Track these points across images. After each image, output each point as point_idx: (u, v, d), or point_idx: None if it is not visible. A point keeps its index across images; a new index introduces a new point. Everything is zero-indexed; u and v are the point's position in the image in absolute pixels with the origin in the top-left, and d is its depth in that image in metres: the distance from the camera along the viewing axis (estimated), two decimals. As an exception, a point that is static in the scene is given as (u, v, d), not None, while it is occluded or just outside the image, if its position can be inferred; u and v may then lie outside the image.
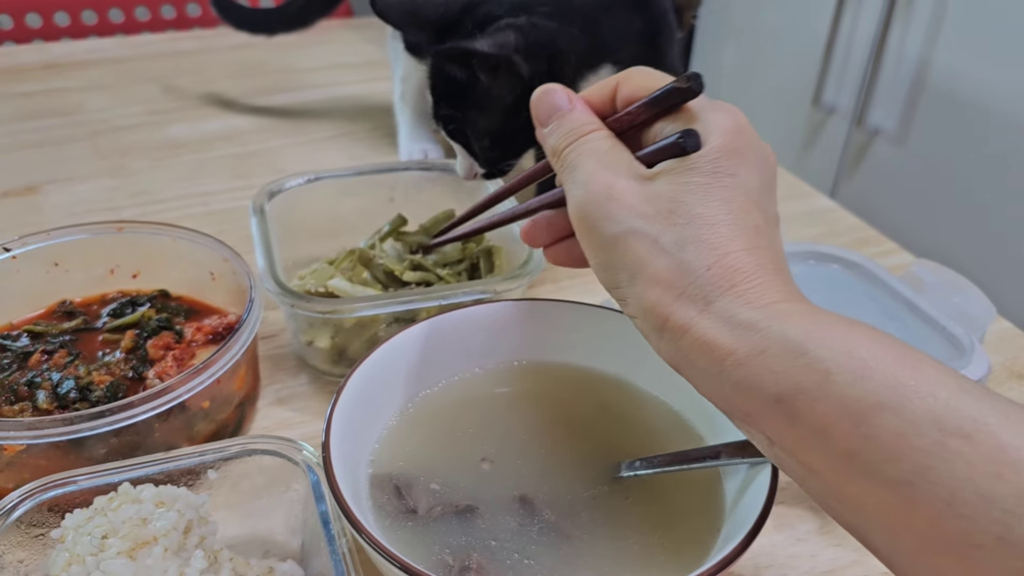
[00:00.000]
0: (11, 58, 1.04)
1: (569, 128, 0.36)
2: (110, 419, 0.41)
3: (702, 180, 0.32)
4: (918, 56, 1.28)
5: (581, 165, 0.34)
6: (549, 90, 0.37)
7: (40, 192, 0.76)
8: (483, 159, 0.60)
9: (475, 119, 0.57)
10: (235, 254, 0.53)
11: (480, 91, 0.56)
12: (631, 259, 0.32)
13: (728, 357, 0.29)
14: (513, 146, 0.59)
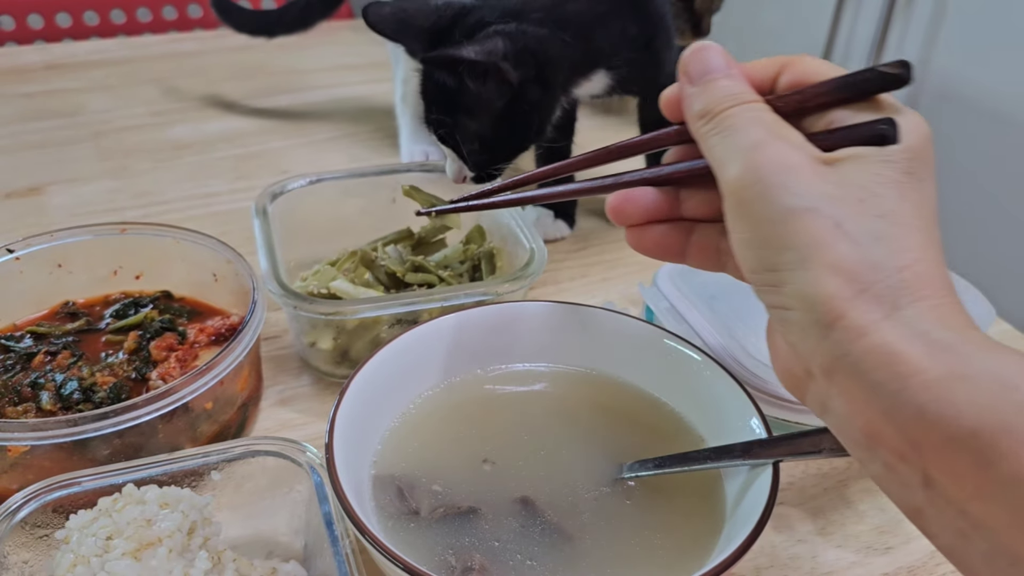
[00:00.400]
0: (13, 59, 1.05)
1: (728, 92, 0.32)
2: (114, 420, 0.42)
3: (896, 176, 0.29)
4: (917, 57, 1.29)
5: (747, 130, 0.31)
6: (706, 47, 0.34)
7: (43, 193, 0.76)
8: (472, 163, 0.60)
9: (464, 124, 0.57)
10: (238, 255, 0.54)
11: (469, 97, 0.56)
12: (806, 239, 0.28)
13: (916, 375, 0.25)
14: (503, 151, 0.59)
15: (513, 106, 0.57)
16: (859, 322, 0.27)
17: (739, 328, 0.51)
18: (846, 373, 0.27)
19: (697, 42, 0.34)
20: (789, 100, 0.33)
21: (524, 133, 0.59)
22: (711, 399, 0.43)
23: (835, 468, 0.49)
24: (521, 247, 0.56)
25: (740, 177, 0.30)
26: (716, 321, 0.50)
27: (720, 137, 0.32)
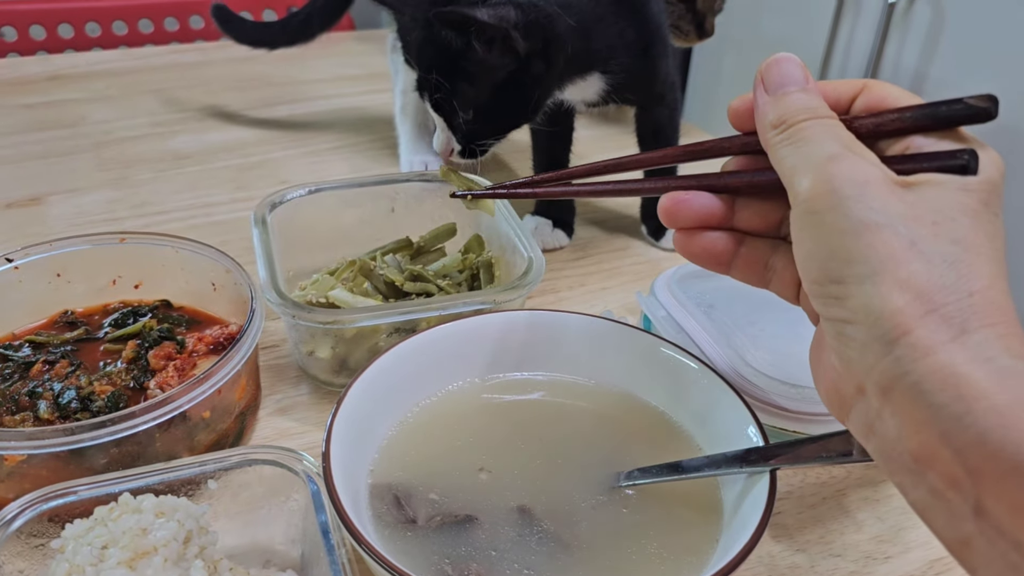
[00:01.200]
0: (15, 70, 1.05)
1: (804, 105, 0.33)
2: (111, 429, 0.42)
3: (974, 206, 0.29)
4: (915, 69, 1.29)
5: (822, 142, 0.31)
6: (786, 59, 0.34)
7: (44, 203, 0.76)
8: (464, 133, 0.59)
9: (463, 90, 0.57)
10: (237, 265, 0.54)
11: (473, 61, 0.56)
12: (879, 253, 0.28)
13: (982, 400, 0.25)
14: (495, 124, 0.59)
15: (514, 77, 0.57)
16: (926, 341, 0.27)
17: (737, 337, 0.51)
18: (905, 392, 0.27)
19: (778, 53, 0.35)
20: (864, 122, 0.33)
21: (520, 108, 0.59)
22: (708, 407, 0.43)
23: (834, 477, 0.49)
24: (519, 256, 0.56)
25: (813, 187, 0.30)
26: (713, 330, 0.50)
27: (793, 148, 0.32)
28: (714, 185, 0.37)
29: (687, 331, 0.51)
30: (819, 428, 0.46)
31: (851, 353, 0.29)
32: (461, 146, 0.60)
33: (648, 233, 0.73)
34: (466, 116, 0.58)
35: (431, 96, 0.59)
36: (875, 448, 0.29)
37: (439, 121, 0.60)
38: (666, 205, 0.37)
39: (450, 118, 0.59)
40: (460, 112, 0.58)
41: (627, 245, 0.73)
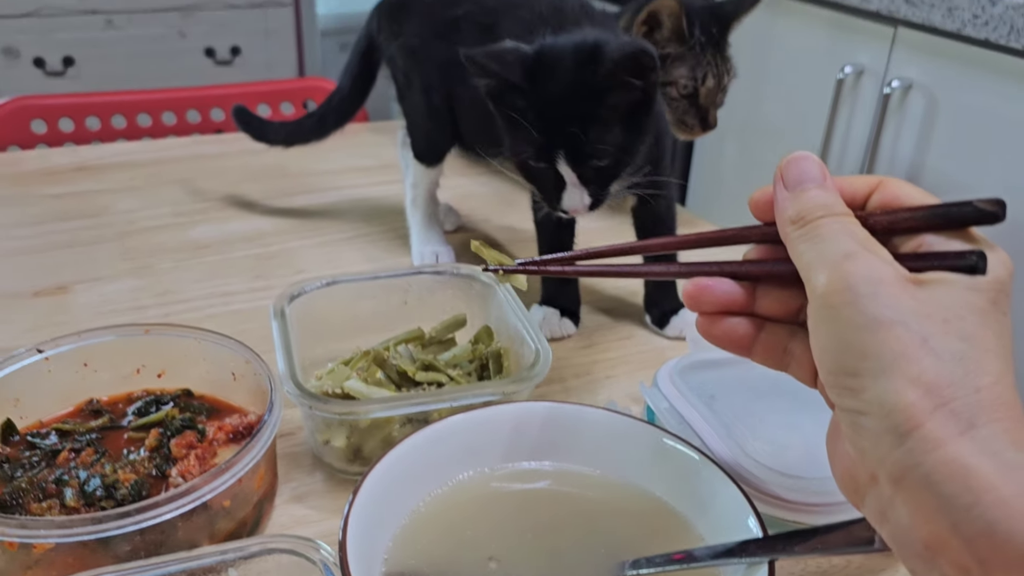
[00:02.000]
0: (44, 161, 1.10)
1: (821, 203, 0.34)
2: (136, 518, 0.43)
3: (983, 305, 0.31)
4: (911, 158, 1.34)
5: (838, 240, 0.33)
6: (805, 157, 0.36)
7: (70, 291, 0.79)
8: (595, 183, 0.61)
9: (599, 135, 0.59)
10: (256, 356, 0.56)
11: (609, 104, 0.58)
12: (892, 349, 0.30)
13: (989, 492, 0.27)
14: (626, 162, 0.62)
15: (638, 112, 0.60)
16: (936, 434, 0.28)
17: (737, 428, 0.53)
18: (916, 482, 0.28)
19: (797, 152, 0.37)
20: (879, 219, 0.35)
21: (641, 144, 0.62)
22: (709, 498, 0.45)
23: (834, 565, 0.50)
24: (527, 347, 0.58)
25: (829, 283, 0.32)
26: (714, 421, 0.52)
27: (810, 244, 0.34)
28: (736, 272, 0.39)
29: (689, 422, 0.53)
30: (817, 518, 0.47)
31: (865, 443, 0.31)
32: (592, 198, 0.62)
33: (652, 322, 0.76)
34: (600, 163, 0.60)
35: (567, 153, 0.60)
36: (889, 534, 0.31)
37: (571, 177, 0.61)
38: (690, 291, 0.39)
39: (583, 172, 0.61)
40: (595, 160, 0.60)
41: (632, 333, 0.75)
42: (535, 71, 0.60)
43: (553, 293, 0.75)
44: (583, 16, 0.70)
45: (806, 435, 0.53)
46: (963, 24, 1.20)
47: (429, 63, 0.77)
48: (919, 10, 1.26)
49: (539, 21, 0.69)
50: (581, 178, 0.61)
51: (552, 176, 0.62)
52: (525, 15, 0.71)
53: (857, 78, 1.41)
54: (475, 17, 0.73)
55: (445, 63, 0.75)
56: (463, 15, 0.74)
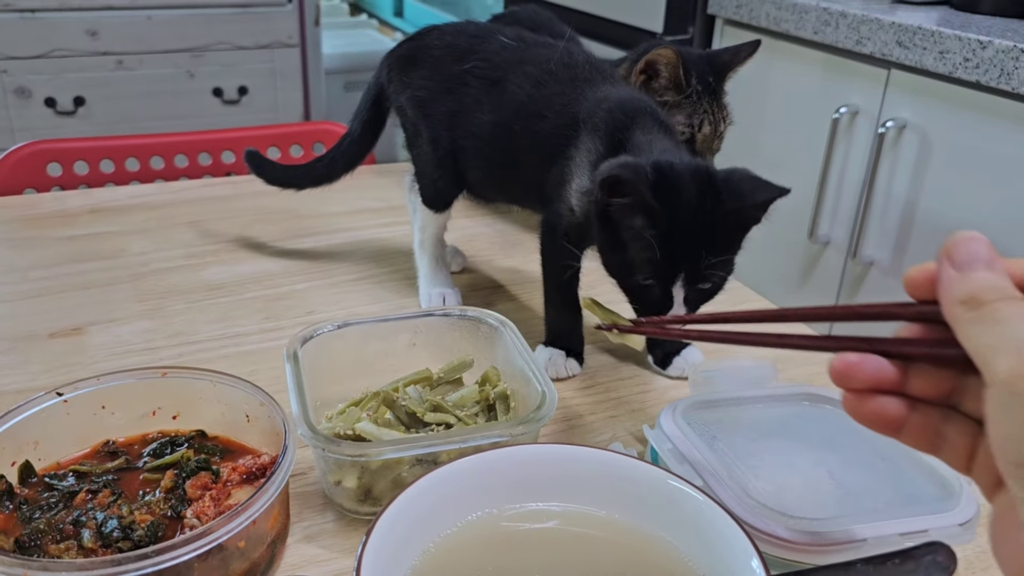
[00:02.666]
0: (59, 203, 1.12)
1: (994, 285, 0.34)
2: (155, 560, 0.45)
3: None
4: (906, 196, 1.36)
5: (1018, 323, 0.32)
6: (974, 238, 0.35)
7: (84, 332, 0.81)
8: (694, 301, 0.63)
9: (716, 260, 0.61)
10: (270, 398, 0.58)
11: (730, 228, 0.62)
12: None
13: None
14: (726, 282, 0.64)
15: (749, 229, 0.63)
16: None
17: (738, 468, 0.54)
18: None
19: (963, 231, 0.36)
20: None
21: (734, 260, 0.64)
22: (713, 539, 0.46)
23: (836, 605, 0.51)
24: (533, 389, 0.60)
25: (1014, 368, 0.31)
26: (716, 462, 0.54)
27: (986, 327, 0.32)
28: (889, 350, 0.37)
29: (691, 463, 0.54)
30: (817, 559, 0.48)
31: None
32: (690, 311, 0.63)
33: (655, 362, 0.77)
34: (705, 286, 0.62)
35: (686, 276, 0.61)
36: None
37: (680, 296, 0.62)
38: (838, 367, 0.37)
39: (692, 291, 0.62)
40: (705, 283, 0.62)
41: (635, 373, 0.77)
42: (657, 190, 0.60)
43: (558, 334, 0.76)
44: (593, 72, 0.73)
45: (805, 475, 0.54)
46: (954, 67, 1.23)
47: (436, 115, 0.79)
48: (912, 53, 1.29)
49: (549, 77, 0.72)
50: (686, 299, 0.62)
51: (659, 295, 0.62)
52: (533, 71, 0.73)
53: (852, 118, 1.44)
54: (482, 71, 0.76)
55: (452, 115, 0.78)
56: (470, 68, 0.76)
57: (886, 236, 1.40)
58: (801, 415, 0.61)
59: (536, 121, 0.72)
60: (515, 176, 0.77)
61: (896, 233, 1.38)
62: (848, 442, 0.58)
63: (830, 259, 1.52)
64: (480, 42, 0.78)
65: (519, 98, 0.74)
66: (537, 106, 0.72)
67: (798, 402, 0.62)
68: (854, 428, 0.60)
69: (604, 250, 0.65)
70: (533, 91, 0.73)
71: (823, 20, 1.44)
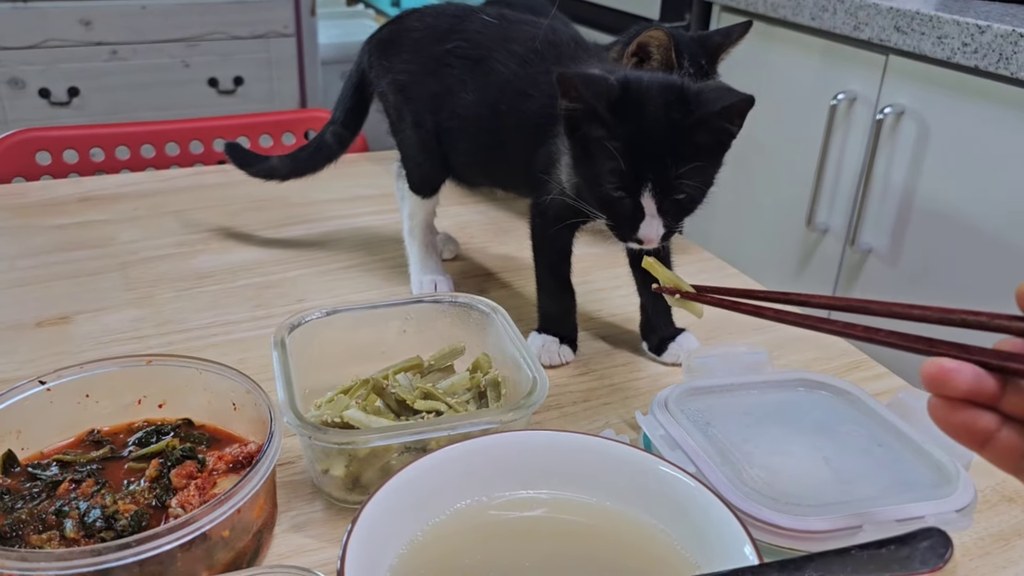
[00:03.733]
0: (48, 192, 1.11)
1: None
2: (136, 550, 0.44)
3: None
4: (903, 183, 1.35)
5: None
6: None
7: (72, 321, 0.80)
8: (672, 215, 0.62)
9: (686, 171, 0.60)
10: (256, 386, 0.57)
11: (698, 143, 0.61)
12: None
13: None
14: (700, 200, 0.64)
15: (717, 155, 0.63)
16: None
17: (732, 454, 0.53)
18: None
19: None
20: None
21: (713, 177, 0.64)
22: (705, 525, 0.45)
23: (831, 593, 0.50)
24: (524, 375, 0.59)
25: None
26: (710, 448, 0.53)
27: None
28: (988, 362, 0.36)
29: (684, 449, 0.53)
30: (811, 546, 0.47)
31: None
32: (667, 229, 0.63)
33: (649, 348, 0.76)
34: (680, 196, 0.62)
35: (655, 186, 0.61)
36: None
37: (652, 208, 0.62)
38: (930, 373, 0.36)
39: (663, 204, 0.62)
40: (677, 193, 0.61)
41: (629, 360, 0.76)
42: (620, 103, 0.61)
43: (551, 320, 0.75)
44: (578, 50, 0.72)
45: (800, 462, 0.54)
46: (953, 52, 1.22)
47: (419, 98, 0.78)
48: (910, 38, 1.28)
49: (534, 55, 0.71)
50: (660, 210, 0.62)
51: (631, 207, 0.63)
52: (518, 49, 0.72)
53: (850, 105, 1.43)
54: (464, 51, 0.75)
55: (435, 97, 0.77)
56: (452, 49, 0.75)
57: (884, 223, 1.39)
58: (796, 401, 0.60)
59: (522, 100, 0.71)
60: (502, 158, 0.76)
61: (894, 220, 1.37)
62: (844, 428, 0.57)
63: (828, 247, 1.51)
64: (461, 22, 0.77)
65: (504, 77, 0.73)
66: (523, 84, 0.71)
67: (793, 388, 0.61)
68: (850, 414, 0.59)
69: (576, 164, 0.66)
70: (518, 69, 0.72)
71: (820, 5, 1.43)
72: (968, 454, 0.55)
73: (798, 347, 0.78)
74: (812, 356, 0.77)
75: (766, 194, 1.63)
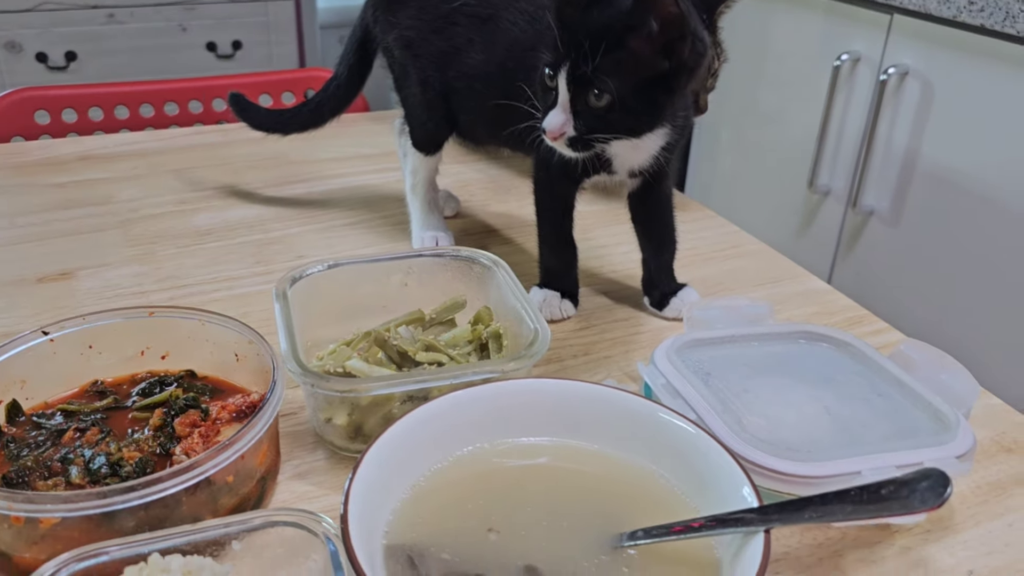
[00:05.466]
0: (48, 151, 1.11)
1: None
2: (141, 492, 0.44)
3: None
4: (906, 145, 1.34)
5: None
6: None
7: (73, 277, 0.80)
8: (585, 121, 0.61)
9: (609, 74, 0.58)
10: (259, 337, 0.57)
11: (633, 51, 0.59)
12: None
13: None
14: (621, 122, 0.61)
15: (657, 81, 0.60)
16: None
17: (732, 403, 0.53)
18: None
19: None
20: None
21: (645, 116, 0.62)
22: (705, 470, 0.46)
23: (829, 538, 0.51)
24: (526, 327, 0.59)
25: None
26: (711, 396, 0.53)
27: None
28: None
29: (685, 398, 0.53)
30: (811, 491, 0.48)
31: None
32: (576, 133, 0.61)
33: (651, 303, 0.76)
34: (597, 102, 0.60)
35: (571, 67, 0.59)
36: None
37: (564, 97, 0.61)
38: None
39: (577, 99, 0.60)
40: (593, 97, 0.60)
41: (630, 315, 0.76)
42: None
43: (553, 275, 0.75)
44: None
45: (801, 410, 0.54)
46: (958, 11, 1.20)
47: (426, 55, 0.77)
48: (917, -4, 1.26)
49: (544, 12, 0.70)
50: (574, 105, 0.60)
51: (552, 93, 0.61)
52: (527, 7, 0.71)
53: (853, 66, 1.41)
54: (472, 9, 0.74)
55: (442, 55, 0.76)
56: (460, 7, 0.74)
57: (886, 185, 1.38)
58: (798, 353, 0.60)
59: (531, 58, 0.70)
60: (509, 116, 0.75)
61: (896, 182, 1.37)
62: (844, 379, 0.57)
63: (829, 209, 1.51)
64: None
65: (513, 35, 0.72)
66: (533, 42, 0.70)
67: (795, 340, 0.61)
68: (851, 365, 0.59)
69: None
70: (528, 27, 0.71)
71: (826, -37, 1.41)
72: (967, 404, 0.55)
73: (798, 302, 0.78)
74: (812, 311, 0.77)
75: (767, 156, 1.62)
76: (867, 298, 0.79)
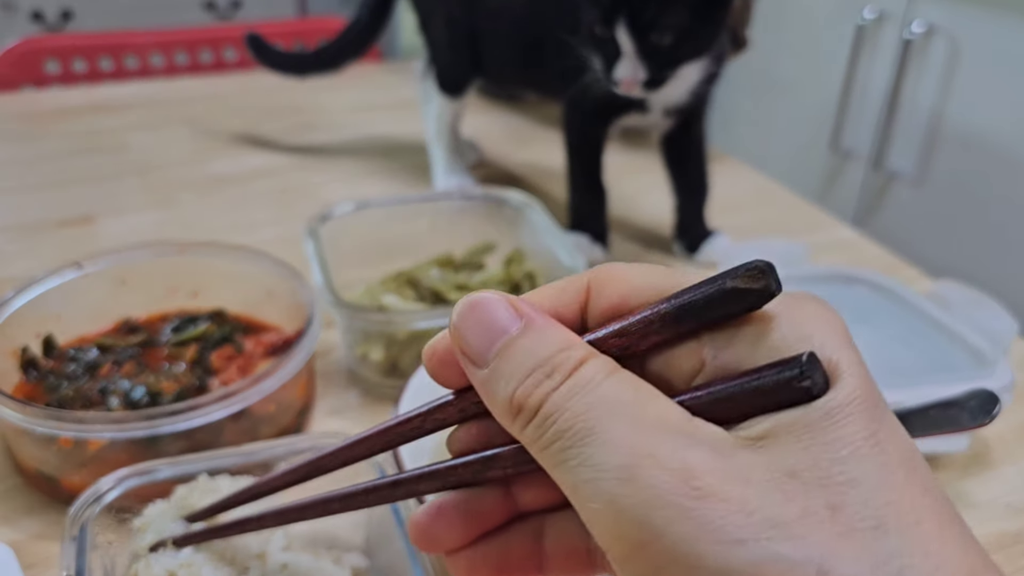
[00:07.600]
0: (60, 100, 1.09)
1: (541, 360, 0.21)
2: (187, 415, 0.44)
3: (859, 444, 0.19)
4: (932, 105, 1.33)
5: (602, 434, 0.19)
6: (479, 301, 0.22)
7: (95, 222, 0.79)
8: (656, 61, 0.60)
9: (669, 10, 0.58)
10: (294, 272, 0.56)
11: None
12: None
13: None
14: (687, 50, 0.61)
15: (722, 4, 0.60)
16: None
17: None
18: None
19: (465, 298, 0.23)
20: (608, 343, 0.22)
21: (706, 38, 0.62)
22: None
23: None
24: (560, 268, 0.59)
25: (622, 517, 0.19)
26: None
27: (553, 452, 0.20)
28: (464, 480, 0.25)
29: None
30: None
31: None
32: (650, 75, 0.60)
33: (684, 248, 0.76)
34: (662, 41, 0.59)
35: (631, 18, 0.58)
36: None
37: (629, 46, 0.60)
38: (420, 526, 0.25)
39: (643, 45, 0.59)
40: (658, 37, 0.59)
41: (661, 260, 0.76)
42: None
43: (583, 217, 0.74)
44: None
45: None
46: (986, -37, 1.18)
47: None
48: (941, -50, 1.24)
49: None
50: (640, 51, 0.60)
51: (612, 46, 0.61)
52: None
53: (878, 23, 1.39)
54: None
55: None
56: None
57: (910, 146, 1.37)
58: (834, 295, 0.60)
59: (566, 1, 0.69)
60: (539, 58, 0.74)
61: (921, 143, 1.36)
62: (882, 319, 0.57)
63: (852, 170, 1.50)
64: None
65: None
66: None
67: (831, 282, 0.61)
68: (888, 306, 0.59)
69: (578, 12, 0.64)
70: None
71: (847, -83, 1.38)
72: (1004, 342, 0.55)
73: (830, 251, 0.78)
74: (844, 259, 0.77)
75: (789, 115, 1.60)
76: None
